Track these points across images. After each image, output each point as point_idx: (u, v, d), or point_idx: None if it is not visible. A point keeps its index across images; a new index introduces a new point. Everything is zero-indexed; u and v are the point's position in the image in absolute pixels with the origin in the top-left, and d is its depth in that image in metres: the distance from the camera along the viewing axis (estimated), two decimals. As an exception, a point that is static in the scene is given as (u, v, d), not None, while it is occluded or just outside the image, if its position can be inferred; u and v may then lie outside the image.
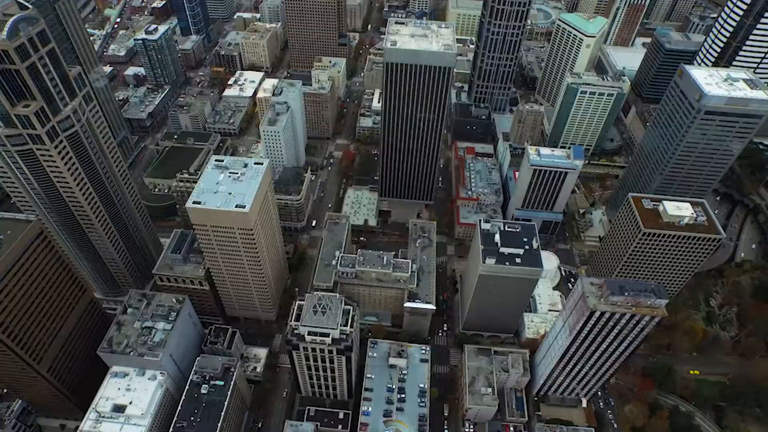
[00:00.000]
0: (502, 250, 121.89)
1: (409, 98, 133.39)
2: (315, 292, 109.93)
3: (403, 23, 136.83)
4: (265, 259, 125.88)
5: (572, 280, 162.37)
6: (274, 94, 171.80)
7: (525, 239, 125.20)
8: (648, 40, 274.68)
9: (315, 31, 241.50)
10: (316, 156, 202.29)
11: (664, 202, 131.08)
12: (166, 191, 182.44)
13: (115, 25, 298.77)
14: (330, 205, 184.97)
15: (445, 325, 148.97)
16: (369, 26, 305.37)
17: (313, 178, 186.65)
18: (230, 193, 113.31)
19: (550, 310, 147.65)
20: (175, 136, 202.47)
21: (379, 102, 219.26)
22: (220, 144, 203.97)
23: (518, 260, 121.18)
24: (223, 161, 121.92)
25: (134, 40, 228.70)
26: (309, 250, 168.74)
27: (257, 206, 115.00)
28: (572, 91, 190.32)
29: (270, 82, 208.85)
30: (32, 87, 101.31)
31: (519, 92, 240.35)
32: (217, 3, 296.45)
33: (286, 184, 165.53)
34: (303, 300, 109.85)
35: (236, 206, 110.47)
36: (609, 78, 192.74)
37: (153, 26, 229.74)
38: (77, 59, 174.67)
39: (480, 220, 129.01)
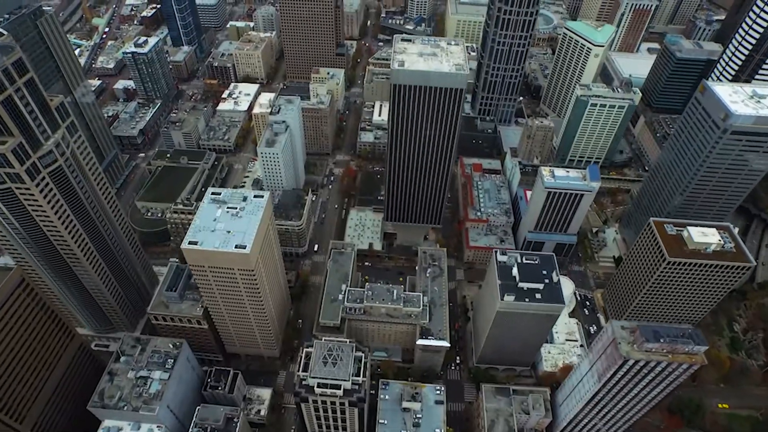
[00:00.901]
0: (521, 285, 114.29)
1: (417, 120, 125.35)
2: (324, 339, 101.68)
3: (410, 40, 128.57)
4: (267, 297, 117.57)
5: (588, 304, 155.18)
6: (271, 113, 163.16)
7: (544, 272, 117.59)
8: (653, 45, 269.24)
9: (311, 41, 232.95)
10: (315, 174, 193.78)
11: (689, 228, 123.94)
12: (159, 215, 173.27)
13: (104, 36, 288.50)
14: (332, 228, 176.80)
15: (458, 357, 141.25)
16: (367, 33, 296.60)
17: (313, 199, 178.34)
18: (229, 231, 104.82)
19: (567, 340, 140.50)
20: (168, 155, 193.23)
21: (380, 115, 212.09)
22: (215, 162, 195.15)
23: (538, 296, 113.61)
24: (220, 194, 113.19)
25: (123, 53, 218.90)
26: (312, 277, 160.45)
27: (258, 244, 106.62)
28: (582, 103, 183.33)
29: (266, 97, 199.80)
30: (9, 122, 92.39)
31: (523, 101, 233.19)
32: (208, 11, 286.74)
33: (286, 208, 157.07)
34: (310, 345, 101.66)
35: (236, 246, 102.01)
36: (619, 89, 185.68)
37: (142, 38, 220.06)
38: (62, 78, 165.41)
39: (495, 252, 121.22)
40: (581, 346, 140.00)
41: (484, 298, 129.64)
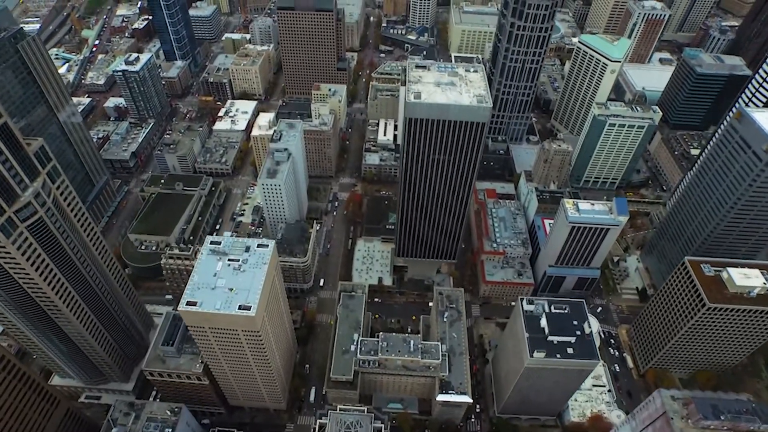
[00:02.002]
0: (551, 338, 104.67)
1: (433, 155, 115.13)
2: (339, 409, 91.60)
3: (425, 67, 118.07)
4: (273, 353, 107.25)
5: (612, 342, 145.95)
6: (272, 139, 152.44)
7: (575, 322, 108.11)
8: (665, 55, 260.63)
9: (311, 55, 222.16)
10: (319, 200, 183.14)
11: (729, 269, 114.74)
12: (153, 248, 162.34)
13: (94, 49, 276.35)
14: (338, 260, 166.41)
15: (477, 406, 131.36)
16: (368, 43, 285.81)
17: (317, 228, 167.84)
18: (231, 289, 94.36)
19: (594, 386, 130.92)
20: (162, 181, 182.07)
21: (385, 135, 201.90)
22: (212, 188, 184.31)
23: (570, 350, 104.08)
24: (220, 243, 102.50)
25: (114, 71, 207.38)
26: (318, 315, 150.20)
27: (264, 302, 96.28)
28: (599, 123, 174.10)
29: (265, 117, 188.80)
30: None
31: (533, 116, 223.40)
32: (203, 23, 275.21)
33: (289, 244, 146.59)
34: (324, 415, 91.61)
35: (240, 308, 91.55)
36: (638, 107, 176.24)
37: (134, 55, 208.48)
38: (45, 102, 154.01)
39: (522, 300, 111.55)
40: (609, 391, 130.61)
41: (508, 347, 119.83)
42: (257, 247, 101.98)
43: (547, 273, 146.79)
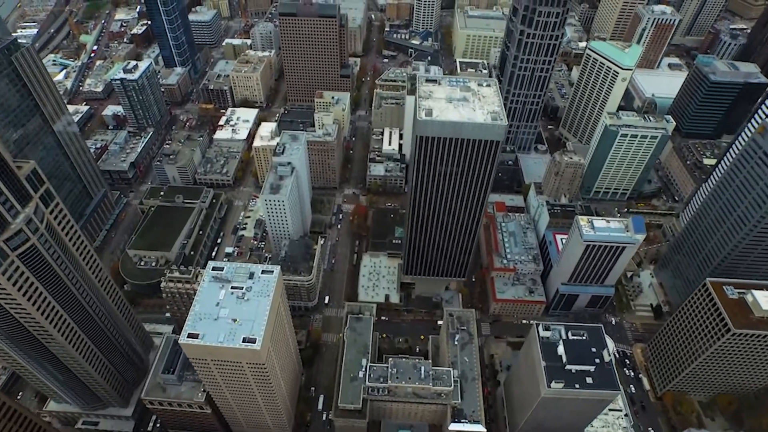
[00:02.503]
0: (569, 367, 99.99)
1: (445, 174, 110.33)
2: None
3: (435, 81, 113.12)
4: (279, 383, 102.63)
5: (627, 362, 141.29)
6: (275, 153, 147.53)
7: (593, 349, 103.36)
8: (673, 60, 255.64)
9: (314, 62, 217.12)
10: (323, 213, 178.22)
11: (754, 291, 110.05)
12: (153, 264, 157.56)
13: (92, 54, 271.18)
14: (343, 276, 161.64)
15: None
16: (371, 48, 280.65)
17: (321, 243, 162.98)
18: (235, 320, 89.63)
19: (610, 410, 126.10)
20: (161, 193, 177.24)
21: (390, 144, 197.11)
22: (213, 200, 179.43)
23: (589, 380, 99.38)
24: (222, 270, 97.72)
25: (112, 79, 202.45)
26: (324, 334, 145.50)
27: (270, 333, 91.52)
28: (611, 134, 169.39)
29: (267, 128, 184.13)
30: (-33, 205, 77.36)
31: (540, 124, 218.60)
32: (203, 28, 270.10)
33: (294, 261, 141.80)
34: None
35: (244, 340, 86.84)
36: (651, 117, 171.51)
37: (132, 63, 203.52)
38: (41, 115, 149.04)
39: (537, 325, 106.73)
40: (626, 415, 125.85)
41: (522, 373, 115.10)
42: (261, 273, 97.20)
43: (560, 291, 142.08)
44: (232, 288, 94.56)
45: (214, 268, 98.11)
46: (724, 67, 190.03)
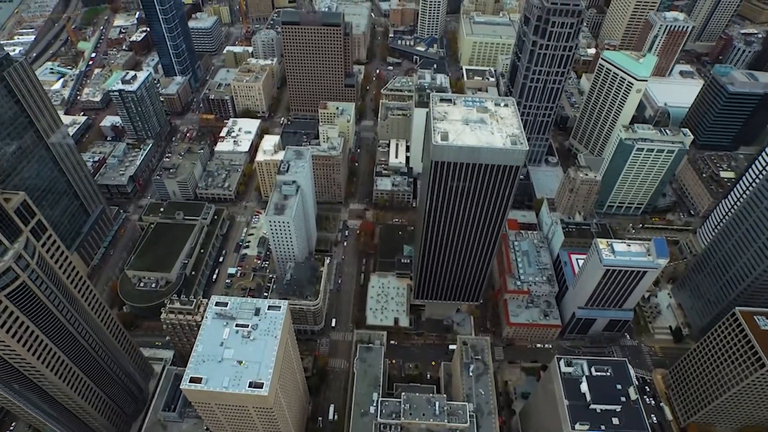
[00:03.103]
0: (593, 407, 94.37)
1: (460, 199, 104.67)
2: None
3: (450, 100, 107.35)
4: (287, 423, 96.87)
5: (647, 389, 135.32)
6: (279, 171, 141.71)
7: (619, 386, 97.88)
8: (685, 67, 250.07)
9: (318, 72, 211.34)
10: (328, 230, 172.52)
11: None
12: (153, 285, 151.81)
13: (90, 62, 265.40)
14: (350, 297, 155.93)
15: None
16: (374, 54, 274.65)
17: (328, 262, 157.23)
18: (240, 362, 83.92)
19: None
20: (161, 209, 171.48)
21: (396, 157, 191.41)
22: (215, 217, 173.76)
23: (615, 420, 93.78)
24: (227, 305, 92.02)
25: (110, 91, 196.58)
26: (331, 359, 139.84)
27: (277, 374, 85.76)
28: (626, 148, 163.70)
29: (270, 141, 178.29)
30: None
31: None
32: (203, 35, 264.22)
33: (299, 285, 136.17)
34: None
35: (251, 385, 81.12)
36: (667, 131, 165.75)
37: (131, 73, 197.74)
38: (35, 132, 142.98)
39: (558, 360, 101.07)
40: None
41: (542, 408, 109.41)
42: (268, 309, 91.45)
43: (577, 315, 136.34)
44: (237, 326, 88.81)
45: (217, 303, 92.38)
46: (742, 78, 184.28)
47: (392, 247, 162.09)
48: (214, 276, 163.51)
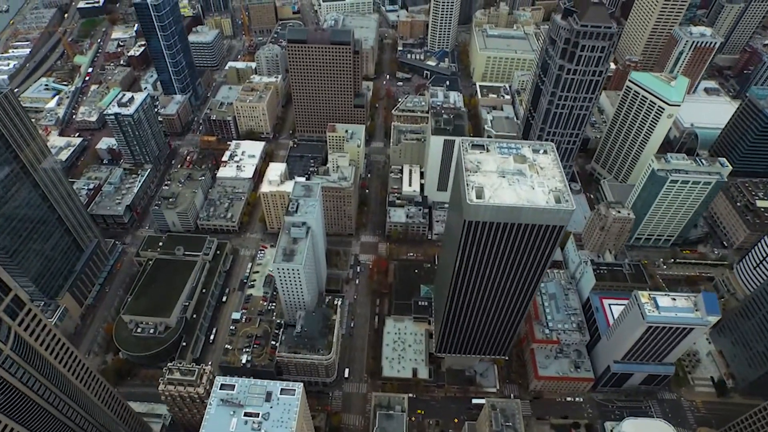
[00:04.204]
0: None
1: (494, 259, 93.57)
2: None
3: (482, 146, 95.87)
4: None
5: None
6: (288, 212, 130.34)
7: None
8: (710, 84, 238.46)
9: (325, 92, 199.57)
10: (339, 266, 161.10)
11: None
12: (151, 331, 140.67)
13: (86, 78, 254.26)
14: (364, 343, 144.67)
15: None
16: (382, 68, 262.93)
17: (339, 303, 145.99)
18: (250, 463, 72.86)
19: None
20: (160, 243, 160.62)
21: (410, 185, 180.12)
22: (217, 251, 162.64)
23: None
24: (233, 388, 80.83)
25: (105, 115, 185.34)
26: (344, 415, 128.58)
27: (291, 475, 74.70)
28: (658, 180, 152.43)
29: (275, 170, 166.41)
30: None
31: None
32: (204, 50, 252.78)
33: (310, 338, 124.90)
34: None
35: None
36: (703, 161, 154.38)
37: (128, 95, 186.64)
38: (22, 167, 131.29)
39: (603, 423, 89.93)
40: None
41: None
42: (281, 393, 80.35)
43: (612, 369, 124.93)
44: (246, 415, 77.66)
45: (222, 386, 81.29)
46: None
47: (408, 288, 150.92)
48: (217, 322, 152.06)
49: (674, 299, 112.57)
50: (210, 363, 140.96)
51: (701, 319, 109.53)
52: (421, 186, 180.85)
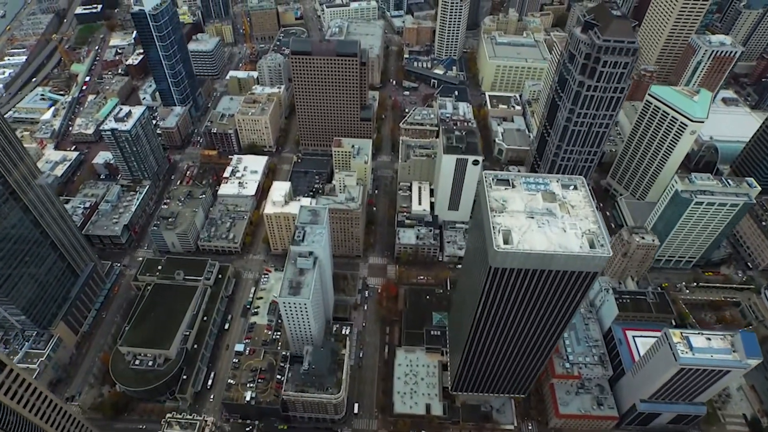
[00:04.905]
0: None
1: (519, 305, 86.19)
2: None
3: (507, 181, 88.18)
4: None
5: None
6: (294, 241, 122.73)
7: None
8: (728, 93, 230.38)
9: (331, 105, 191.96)
10: (346, 291, 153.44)
11: None
12: (149, 363, 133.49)
13: (83, 87, 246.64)
14: (374, 374, 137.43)
15: None
16: (388, 77, 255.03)
17: (347, 332, 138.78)
18: None
19: None
20: (159, 267, 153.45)
21: (420, 203, 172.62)
22: (219, 275, 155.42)
23: None
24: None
25: (102, 131, 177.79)
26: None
27: None
28: (682, 201, 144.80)
29: (279, 190, 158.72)
30: None
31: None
32: (204, 59, 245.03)
33: (319, 376, 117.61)
34: None
35: None
36: (730, 181, 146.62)
37: (125, 109, 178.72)
38: (11, 193, 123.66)
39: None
40: None
41: None
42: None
43: (639, 409, 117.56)
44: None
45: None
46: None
47: (419, 315, 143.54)
48: (219, 349, 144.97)
49: (709, 339, 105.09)
50: (212, 398, 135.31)
51: (740, 362, 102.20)
52: (431, 204, 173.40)
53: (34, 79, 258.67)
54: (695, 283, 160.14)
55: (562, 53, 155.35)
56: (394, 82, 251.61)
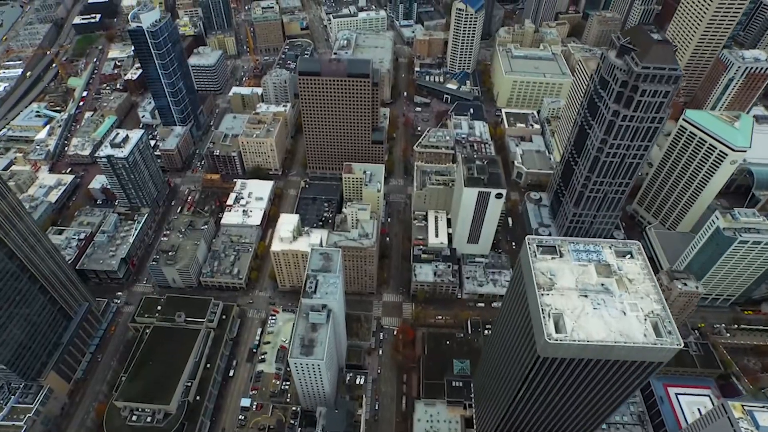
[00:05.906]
0: None
1: (569, 392, 75.03)
2: None
3: (554, 249, 76.47)
4: None
5: None
6: (305, 292, 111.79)
7: None
8: (760, 111, 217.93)
9: (341, 127, 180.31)
10: (360, 335, 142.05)
11: None
12: (148, 419, 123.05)
13: (80, 103, 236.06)
14: (391, 429, 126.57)
15: None
16: (398, 91, 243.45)
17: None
18: None
19: None
20: (158, 308, 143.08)
21: (437, 236, 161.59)
22: (223, 316, 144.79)
23: None
24: None
25: (97, 158, 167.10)
26: None
27: None
28: (725, 240, 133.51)
29: (287, 224, 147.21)
30: None
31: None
32: (206, 74, 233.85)
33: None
34: None
35: None
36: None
37: (122, 134, 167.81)
38: None
39: None
40: None
41: None
42: None
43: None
44: None
45: None
46: None
47: (439, 363, 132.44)
48: (222, 403, 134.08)
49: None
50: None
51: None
52: (449, 236, 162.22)
53: (29, 96, 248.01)
54: (735, 325, 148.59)
55: (592, 77, 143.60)
56: (405, 94, 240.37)
